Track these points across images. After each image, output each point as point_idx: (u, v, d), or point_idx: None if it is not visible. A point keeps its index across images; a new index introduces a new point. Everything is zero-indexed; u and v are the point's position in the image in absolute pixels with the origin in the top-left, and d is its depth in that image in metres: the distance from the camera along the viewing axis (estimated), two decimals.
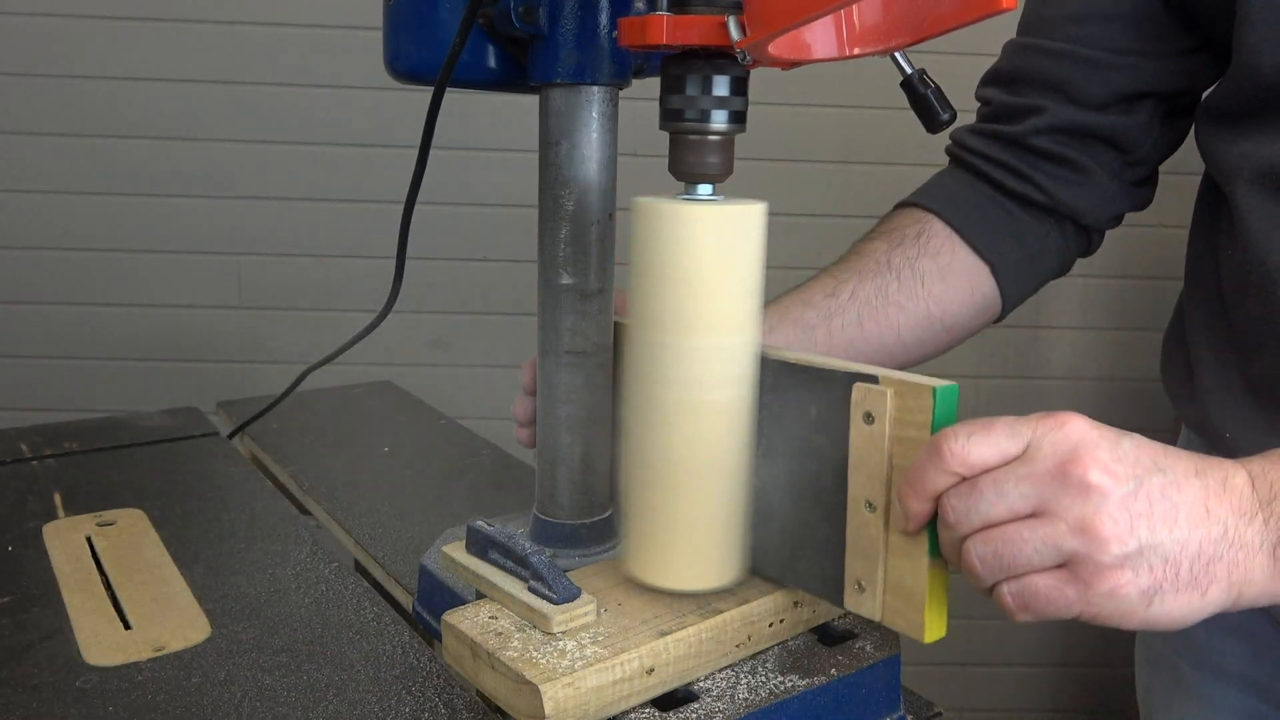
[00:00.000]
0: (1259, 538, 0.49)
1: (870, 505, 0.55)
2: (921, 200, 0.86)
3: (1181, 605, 0.48)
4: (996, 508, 0.48)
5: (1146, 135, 0.81)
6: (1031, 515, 0.48)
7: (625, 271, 0.61)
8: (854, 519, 0.56)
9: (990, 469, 0.49)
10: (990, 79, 0.87)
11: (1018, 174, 0.83)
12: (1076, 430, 0.49)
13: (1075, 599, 0.48)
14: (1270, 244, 0.70)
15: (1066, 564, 0.48)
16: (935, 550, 0.53)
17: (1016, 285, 0.85)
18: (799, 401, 0.58)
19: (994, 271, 0.84)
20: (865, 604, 0.56)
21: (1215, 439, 0.77)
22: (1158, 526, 0.47)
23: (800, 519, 0.59)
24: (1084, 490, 0.47)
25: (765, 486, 0.61)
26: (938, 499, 0.51)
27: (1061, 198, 0.82)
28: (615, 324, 0.68)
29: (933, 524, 0.52)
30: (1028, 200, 0.83)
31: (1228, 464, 0.51)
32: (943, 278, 0.83)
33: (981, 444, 0.49)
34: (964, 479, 0.50)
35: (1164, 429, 0.74)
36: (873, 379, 0.54)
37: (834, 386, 0.56)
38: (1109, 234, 0.89)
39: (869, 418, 0.54)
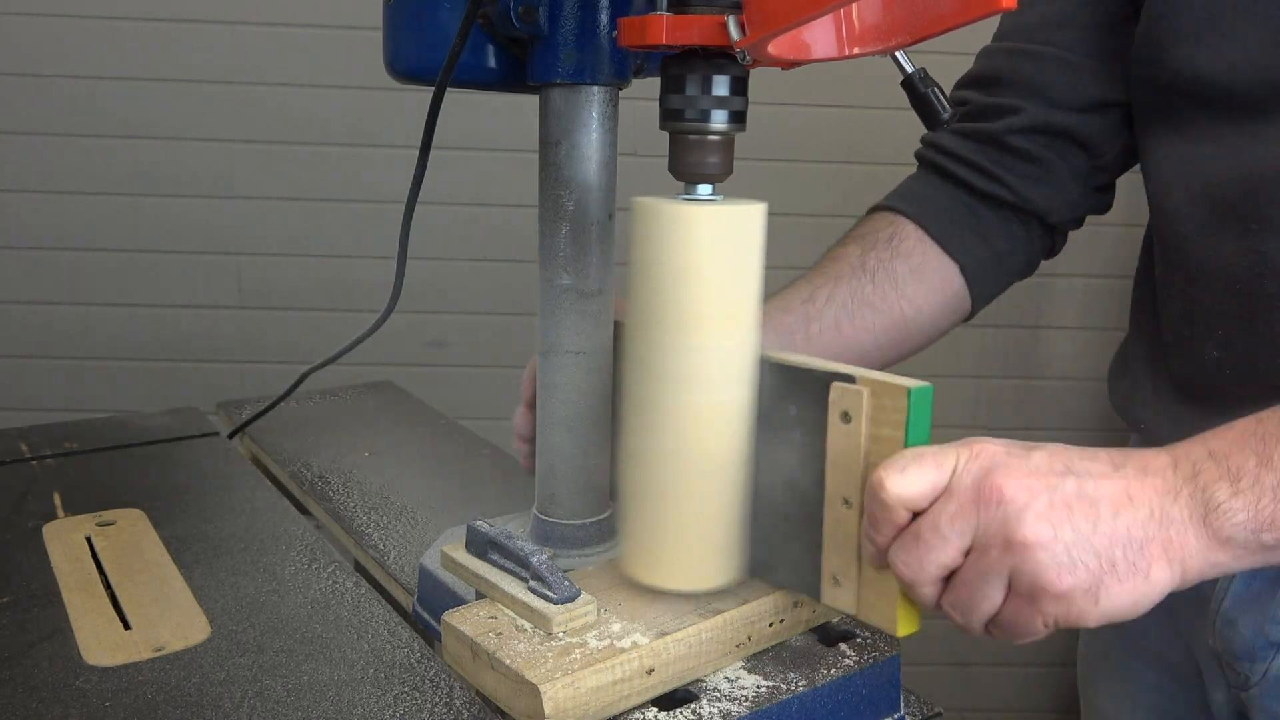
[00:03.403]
0: (1186, 511, 0.50)
1: (847, 502, 0.55)
2: (892, 203, 0.89)
3: (1128, 593, 0.49)
4: (945, 551, 0.50)
5: (1115, 141, 0.84)
6: (972, 549, 0.50)
7: (625, 271, 0.61)
8: (831, 515, 0.56)
9: (924, 506, 0.51)
10: (966, 82, 0.90)
11: (986, 173, 0.85)
12: (987, 453, 0.50)
13: (1034, 615, 0.50)
14: (1188, 228, 0.74)
15: (1013, 586, 0.50)
16: None
17: (984, 284, 0.88)
18: (779, 399, 0.59)
19: (963, 271, 0.86)
20: (841, 598, 0.57)
21: (1157, 443, 0.82)
22: (1081, 525, 0.48)
23: (780, 514, 0.60)
24: (1000, 506, 0.49)
25: (751, 483, 0.61)
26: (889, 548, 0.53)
27: (1029, 195, 0.85)
28: (615, 324, 0.68)
29: None
30: (995, 199, 0.86)
31: (1149, 452, 0.52)
32: (915, 278, 0.85)
33: (914, 476, 0.51)
34: (908, 525, 0.51)
35: None
36: (849, 379, 0.54)
37: (812, 385, 0.56)
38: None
39: (846, 417, 0.54)
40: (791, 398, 0.58)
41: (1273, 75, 0.68)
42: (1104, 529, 0.49)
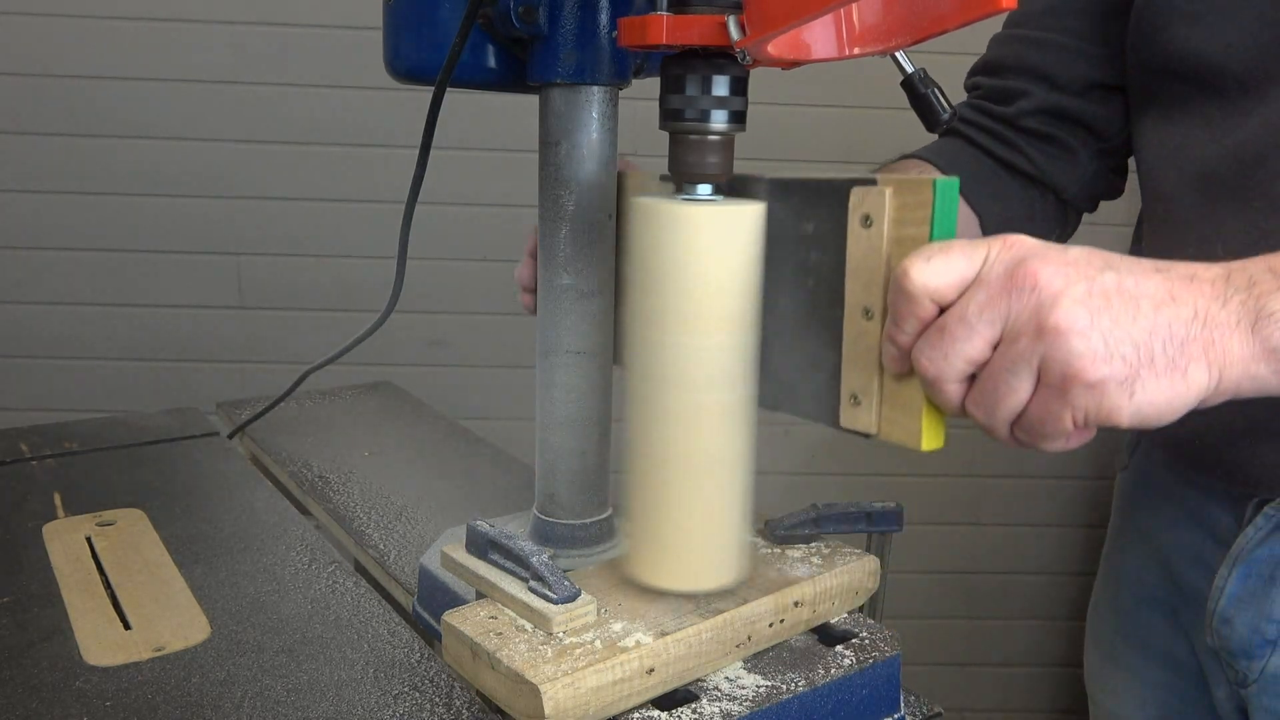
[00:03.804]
0: (1235, 315, 0.48)
1: (868, 313, 0.53)
2: (920, 153, 0.90)
3: (1164, 390, 0.47)
4: (972, 343, 0.48)
5: (1123, 126, 0.86)
6: (1001, 340, 0.48)
7: (625, 266, 0.61)
8: (850, 329, 0.54)
9: (952, 298, 0.49)
10: (977, 69, 0.92)
11: (1008, 144, 0.87)
12: (1023, 243, 0.48)
13: (1063, 409, 0.47)
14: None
15: (1042, 377, 0.47)
16: None
17: None
18: (795, 218, 0.57)
19: (982, 224, 0.87)
20: (861, 418, 0.55)
21: (1151, 436, 0.86)
22: (1120, 316, 0.46)
23: (795, 341, 0.58)
24: (1035, 291, 0.46)
25: (762, 315, 0.59)
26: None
27: (1047, 169, 0.87)
28: (615, 323, 0.68)
29: None
30: (1015, 168, 0.87)
31: (1198, 264, 0.50)
32: None
33: (941, 266, 0.48)
34: (934, 321, 0.49)
35: None
36: (871, 181, 0.53)
37: (832, 195, 0.54)
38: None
39: (867, 220, 0.52)
40: (808, 213, 0.56)
41: (1268, 53, 0.68)
42: (1144, 322, 0.46)
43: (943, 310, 0.49)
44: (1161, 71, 0.76)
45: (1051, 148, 0.86)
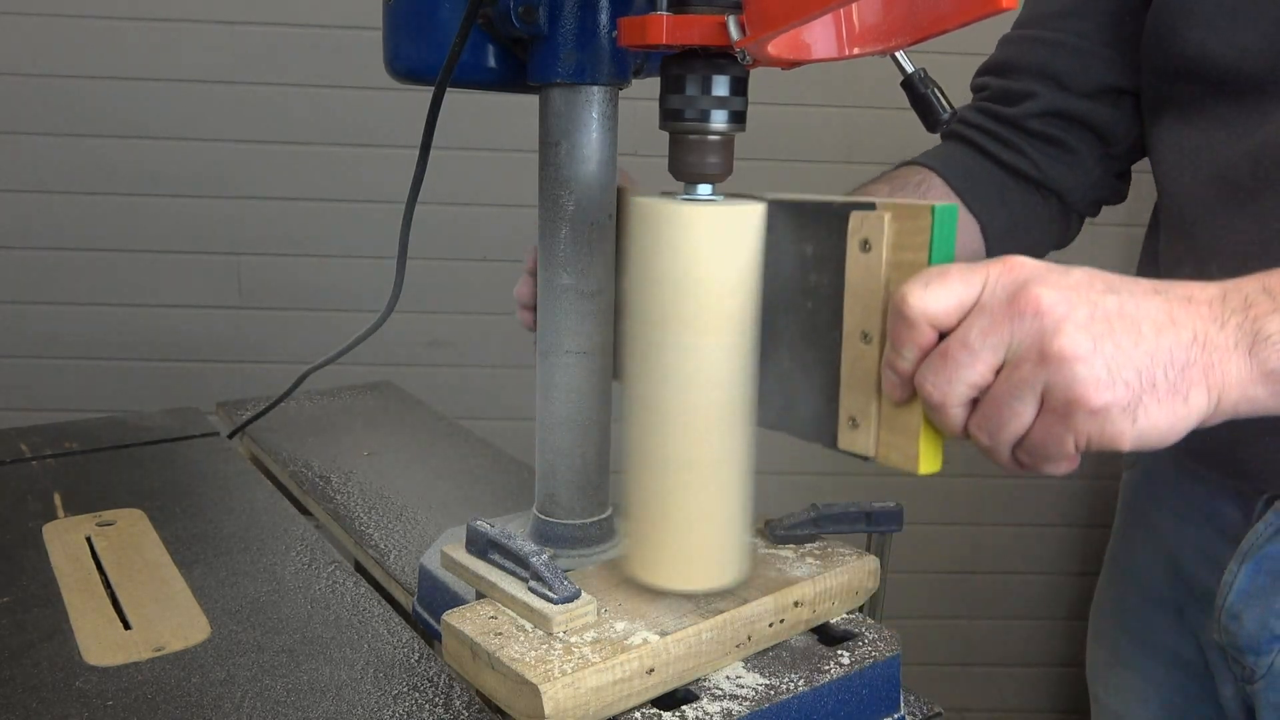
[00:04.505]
0: (1232, 338, 0.48)
1: (866, 336, 0.53)
2: (921, 159, 0.90)
3: (1166, 415, 0.47)
4: (975, 368, 0.48)
5: (1128, 128, 0.85)
6: (1004, 365, 0.48)
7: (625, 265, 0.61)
8: (849, 352, 0.55)
9: (951, 324, 0.49)
10: (986, 69, 0.91)
11: (1011, 147, 0.87)
12: (1023, 266, 0.48)
13: (1066, 433, 0.47)
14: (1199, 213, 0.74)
15: (1046, 402, 0.47)
16: None
17: (1002, 249, 0.88)
18: (795, 241, 0.57)
19: (984, 231, 0.87)
20: (859, 440, 0.55)
21: None
22: (1122, 341, 0.47)
23: (794, 362, 0.58)
24: (1037, 317, 0.46)
25: (761, 334, 0.60)
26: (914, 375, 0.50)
27: (1050, 173, 0.86)
28: (615, 321, 0.68)
29: None
30: (1018, 172, 0.87)
31: (1194, 284, 0.51)
32: None
33: (940, 291, 0.48)
34: (934, 347, 0.49)
35: None
36: (870, 206, 0.53)
37: (830, 219, 0.55)
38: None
39: (865, 245, 0.53)
40: (807, 236, 0.56)
41: None
42: (1146, 346, 0.47)
43: (942, 336, 0.49)
44: (1178, 74, 0.76)
45: (1056, 150, 0.86)
